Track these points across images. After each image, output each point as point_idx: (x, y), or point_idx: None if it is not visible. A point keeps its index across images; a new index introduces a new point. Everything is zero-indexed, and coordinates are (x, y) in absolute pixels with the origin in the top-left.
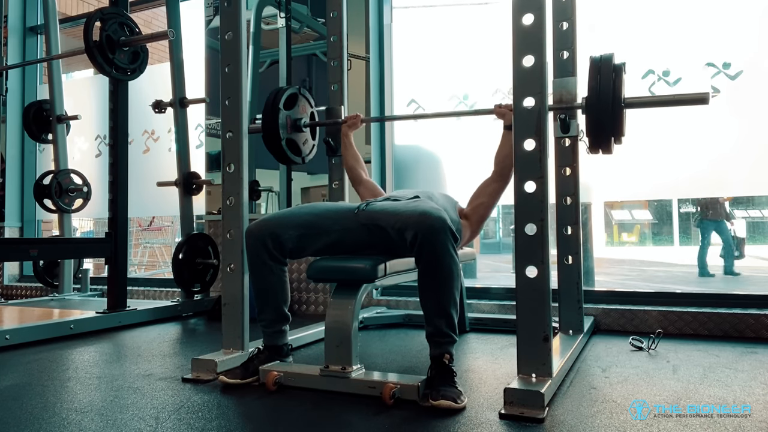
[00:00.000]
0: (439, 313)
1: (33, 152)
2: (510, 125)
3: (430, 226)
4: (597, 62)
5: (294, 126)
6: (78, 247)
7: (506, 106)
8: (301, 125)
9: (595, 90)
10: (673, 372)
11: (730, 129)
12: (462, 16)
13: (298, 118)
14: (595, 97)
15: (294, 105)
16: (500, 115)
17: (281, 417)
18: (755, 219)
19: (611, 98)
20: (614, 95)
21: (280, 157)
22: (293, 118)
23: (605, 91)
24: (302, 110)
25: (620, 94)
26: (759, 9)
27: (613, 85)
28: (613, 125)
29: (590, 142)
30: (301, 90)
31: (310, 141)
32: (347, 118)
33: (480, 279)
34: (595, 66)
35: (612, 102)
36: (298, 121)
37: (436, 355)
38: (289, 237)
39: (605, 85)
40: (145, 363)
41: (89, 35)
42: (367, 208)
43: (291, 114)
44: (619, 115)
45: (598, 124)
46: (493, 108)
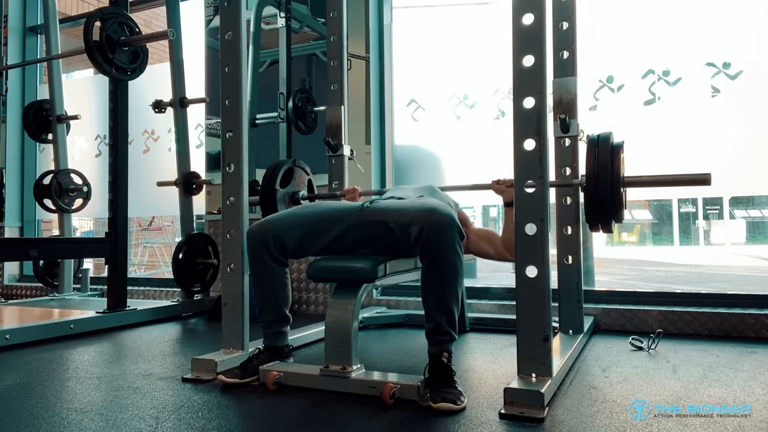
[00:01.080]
0: (441, 309)
1: (33, 152)
2: (509, 202)
3: (437, 221)
4: (594, 142)
5: (292, 200)
6: (78, 247)
7: (504, 182)
8: (299, 198)
9: (593, 170)
10: (673, 372)
11: (730, 128)
12: (462, 16)
13: (295, 192)
14: (593, 177)
15: (290, 180)
16: (499, 192)
17: (281, 417)
18: (755, 219)
19: (610, 179)
20: (613, 175)
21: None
22: (290, 193)
23: (603, 171)
24: (299, 182)
25: (619, 173)
26: (759, 9)
27: (612, 165)
28: (613, 204)
29: (590, 220)
30: (297, 162)
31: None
32: (345, 191)
33: (480, 279)
34: (593, 145)
35: (611, 182)
36: (296, 194)
37: (435, 354)
38: (291, 237)
39: (603, 165)
40: (145, 363)
41: (89, 35)
42: (372, 206)
43: (288, 189)
44: (618, 195)
45: (598, 204)
46: (491, 184)
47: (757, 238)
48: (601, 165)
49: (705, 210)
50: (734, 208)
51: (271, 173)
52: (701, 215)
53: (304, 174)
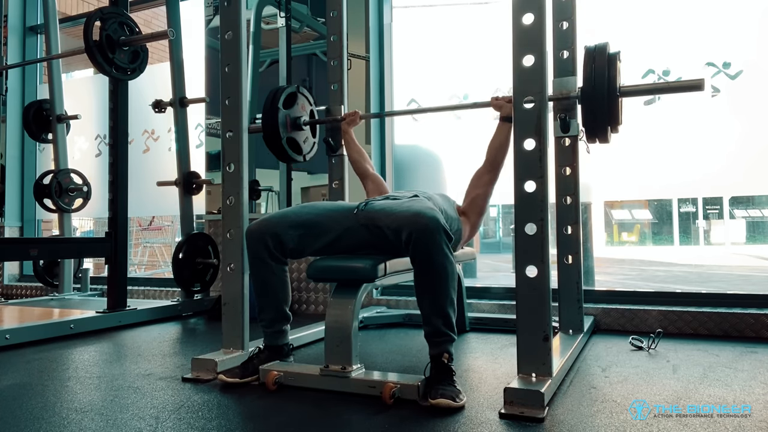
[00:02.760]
0: (435, 312)
1: (33, 152)
2: (507, 117)
3: (423, 226)
4: (591, 51)
5: (294, 124)
6: (78, 247)
7: (504, 98)
8: (301, 123)
9: (590, 79)
10: (673, 371)
11: (731, 128)
12: (462, 16)
13: (297, 117)
14: (590, 87)
15: (293, 104)
16: (497, 107)
17: (281, 416)
18: (755, 218)
19: (606, 87)
20: (609, 84)
21: (281, 155)
22: (293, 117)
23: (600, 80)
24: (302, 108)
25: (615, 82)
26: (759, 9)
27: (608, 73)
28: (610, 114)
29: (587, 132)
30: (300, 89)
31: (311, 139)
32: (346, 115)
33: (480, 278)
34: (590, 55)
35: (607, 90)
36: (298, 119)
37: (435, 355)
38: (289, 237)
39: (600, 74)
40: (145, 362)
41: (89, 35)
42: (365, 208)
43: (290, 113)
44: (615, 103)
45: (595, 114)
46: (490, 101)
47: (757, 238)
48: (597, 74)
49: (705, 210)
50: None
51: (274, 95)
52: (701, 215)
53: (307, 102)
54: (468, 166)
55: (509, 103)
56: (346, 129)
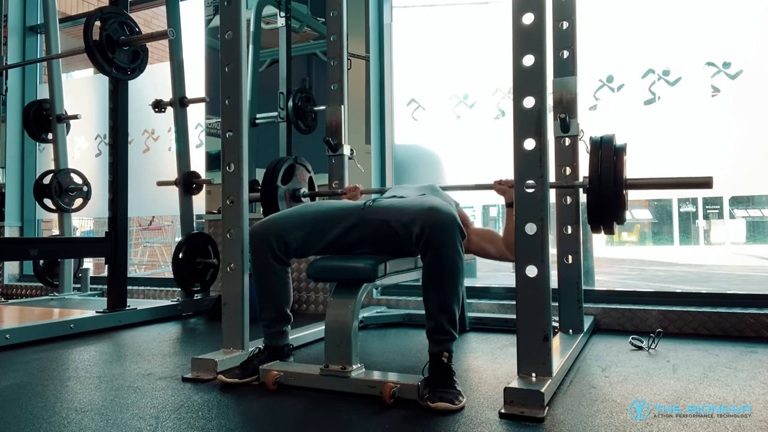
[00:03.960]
0: (441, 308)
1: (33, 152)
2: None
3: (438, 221)
4: (597, 144)
5: (293, 197)
6: (78, 247)
7: (506, 182)
8: (300, 196)
9: (596, 172)
10: (673, 371)
11: (731, 128)
12: (462, 16)
13: (296, 189)
14: (596, 179)
15: (291, 177)
16: (500, 192)
17: (281, 416)
18: (755, 218)
19: (613, 181)
20: (615, 177)
21: None
22: (291, 190)
23: (606, 173)
24: (300, 179)
25: (622, 176)
26: (759, 9)
27: (615, 167)
28: (615, 207)
29: (592, 221)
30: (298, 159)
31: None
32: (346, 189)
33: (480, 278)
34: (596, 147)
35: (614, 184)
36: (297, 191)
37: (435, 353)
38: (294, 237)
39: (606, 167)
40: (145, 362)
41: (89, 34)
42: (374, 204)
43: (289, 187)
44: (621, 197)
45: (601, 207)
46: (493, 184)
47: (757, 238)
48: (604, 167)
49: (705, 210)
50: (734, 207)
51: (273, 170)
52: (701, 215)
53: (305, 171)
54: (468, 166)
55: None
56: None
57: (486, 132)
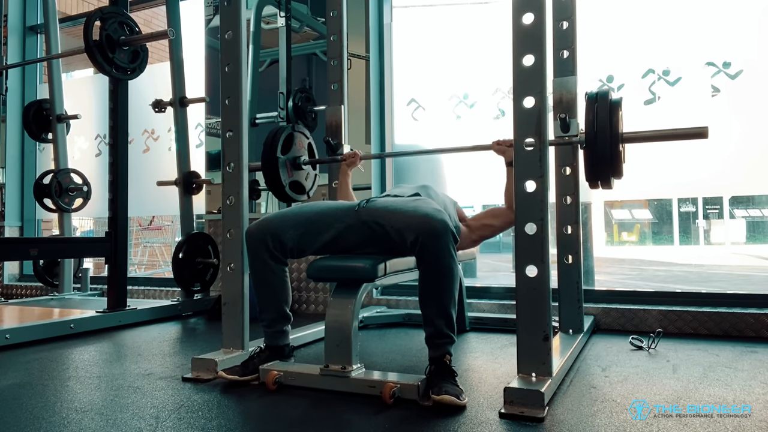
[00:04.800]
0: (440, 313)
1: (33, 152)
2: (511, 162)
3: (432, 229)
4: (593, 99)
5: (294, 165)
6: (78, 247)
7: (505, 142)
8: (301, 163)
9: (592, 126)
10: (673, 371)
11: (731, 128)
12: (462, 16)
13: (296, 157)
14: (592, 134)
15: (291, 146)
16: (500, 152)
17: (281, 416)
18: (755, 218)
19: (609, 135)
20: (612, 132)
21: (286, 199)
22: (291, 159)
23: (602, 127)
24: (300, 147)
25: (618, 130)
26: (759, 9)
27: (611, 121)
28: (612, 161)
29: (589, 176)
30: (296, 127)
31: (312, 173)
32: (346, 155)
33: (480, 278)
34: (592, 102)
35: (610, 138)
36: (297, 159)
37: (436, 357)
38: (290, 237)
39: (602, 121)
40: (145, 362)
41: (89, 34)
42: (368, 205)
43: (289, 156)
44: (618, 151)
45: (597, 161)
46: (491, 145)
47: (757, 238)
48: (600, 121)
49: (705, 209)
50: (734, 207)
51: (272, 141)
52: (701, 215)
53: (304, 138)
54: (468, 166)
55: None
56: (345, 171)
57: (486, 132)
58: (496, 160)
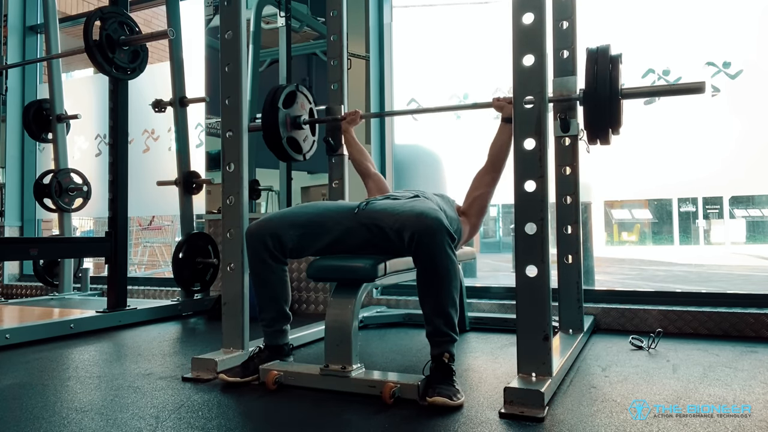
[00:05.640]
0: (437, 313)
1: (33, 151)
2: (508, 117)
3: (427, 227)
4: (594, 53)
5: (294, 123)
6: (78, 247)
7: (505, 98)
8: (301, 122)
9: (592, 81)
10: (673, 371)
11: (730, 128)
12: (462, 16)
13: (297, 116)
14: (592, 89)
15: (293, 103)
16: (499, 108)
17: (281, 416)
18: (755, 218)
19: (608, 89)
20: (611, 86)
21: (282, 155)
22: (292, 116)
23: (602, 82)
24: (301, 107)
25: (617, 84)
26: (759, 9)
27: (610, 75)
28: (611, 116)
29: (588, 133)
30: (299, 87)
31: (310, 137)
32: (346, 114)
33: (480, 278)
34: (592, 57)
35: (609, 92)
36: (298, 118)
37: (436, 355)
38: (289, 237)
39: (602, 76)
40: (145, 362)
41: (89, 34)
42: (366, 208)
43: (290, 112)
44: (617, 105)
45: (596, 115)
46: (491, 101)
47: (757, 238)
48: (600, 76)
49: (705, 209)
50: (734, 207)
51: (274, 94)
52: (701, 214)
53: (307, 101)
54: (468, 166)
55: (510, 104)
56: (347, 128)
57: (486, 132)
58: None
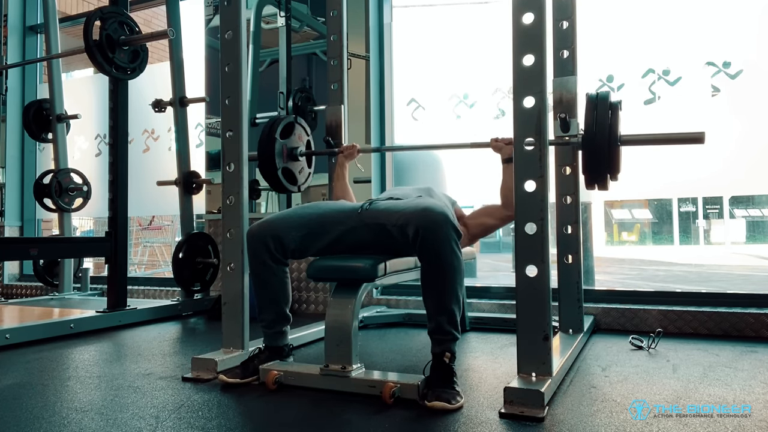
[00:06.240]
0: (440, 309)
1: (33, 151)
2: (508, 158)
3: (432, 221)
4: (593, 100)
5: (290, 155)
6: (78, 247)
7: (503, 140)
8: (297, 154)
9: (591, 127)
10: (673, 371)
11: (731, 128)
12: (462, 15)
13: (294, 147)
14: (591, 134)
15: (290, 134)
16: (497, 149)
17: (281, 416)
18: (755, 218)
19: (608, 136)
20: (610, 133)
21: (276, 185)
22: (289, 147)
23: (601, 128)
24: (298, 139)
25: (617, 131)
26: (759, 9)
27: (610, 122)
28: (610, 162)
29: (587, 178)
30: (297, 119)
31: (306, 169)
32: (344, 148)
33: (480, 278)
34: (592, 103)
35: (608, 139)
36: (295, 149)
37: (437, 353)
38: (291, 238)
39: (601, 122)
40: (145, 362)
41: (89, 34)
42: (370, 207)
43: (287, 143)
44: (616, 152)
45: (595, 162)
46: (490, 142)
47: (757, 238)
48: (599, 122)
49: (705, 209)
50: (734, 207)
51: (271, 125)
52: (701, 214)
53: (304, 133)
54: (468, 166)
55: (509, 145)
56: (342, 162)
57: (486, 132)
58: (495, 159)
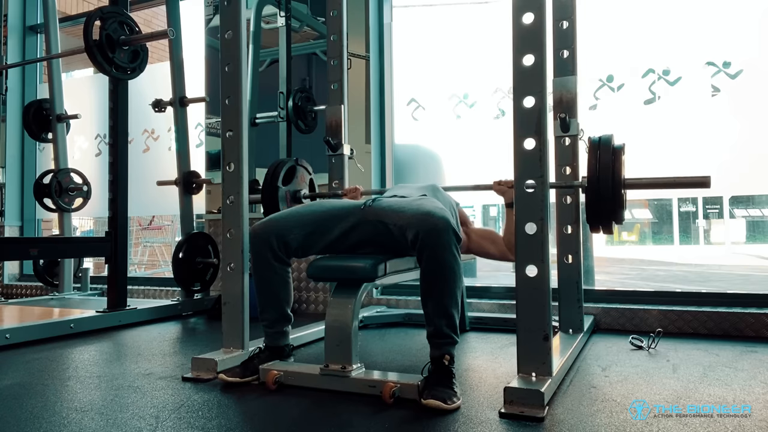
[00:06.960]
0: (439, 313)
1: (33, 151)
2: (511, 203)
3: (432, 226)
4: (596, 144)
5: (294, 198)
6: (78, 246)
7: (506, 182)
8: (301, 197)
9: (594, 171)
10: (673, 371)
11: (731, 128)
12: (462, 15)
13: (297, 190)
14: (594, 179)
15: (292, 178)
16: (500, 192)
17: (281, 416)
18: (755, 218)
19: (611, 180)
20: (614, 177)
21: None
22: (292, 191)
23: (605, 172)
24: (301, 180)
25: (620, 175)
26: (759, 9)
27: (613, 167)
28: (614, 207)
29: (590, 221)
30: (299, 161)
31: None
32: (346, 190)
33: (480, 278)
34: (594, 147)
35: (612, 183)
36: (297, 192)
37: (436, 356)
38: (294, 237)
39: (605, 166)
40: (145, 362)
41: (89, 34)
42: (374, 204)
43: (290, 188)
44: (619, 196)
45: (598, 206)
46: (492, 185)
47: (757, 238)
48: (602, 167)
49: (705, 209)
50: (734, 207)
51: (273, 171)
52: (701, 214)
53: (306, 173)
54: (468, 166)
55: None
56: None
57: (486, 132)
58: (495, 157)
